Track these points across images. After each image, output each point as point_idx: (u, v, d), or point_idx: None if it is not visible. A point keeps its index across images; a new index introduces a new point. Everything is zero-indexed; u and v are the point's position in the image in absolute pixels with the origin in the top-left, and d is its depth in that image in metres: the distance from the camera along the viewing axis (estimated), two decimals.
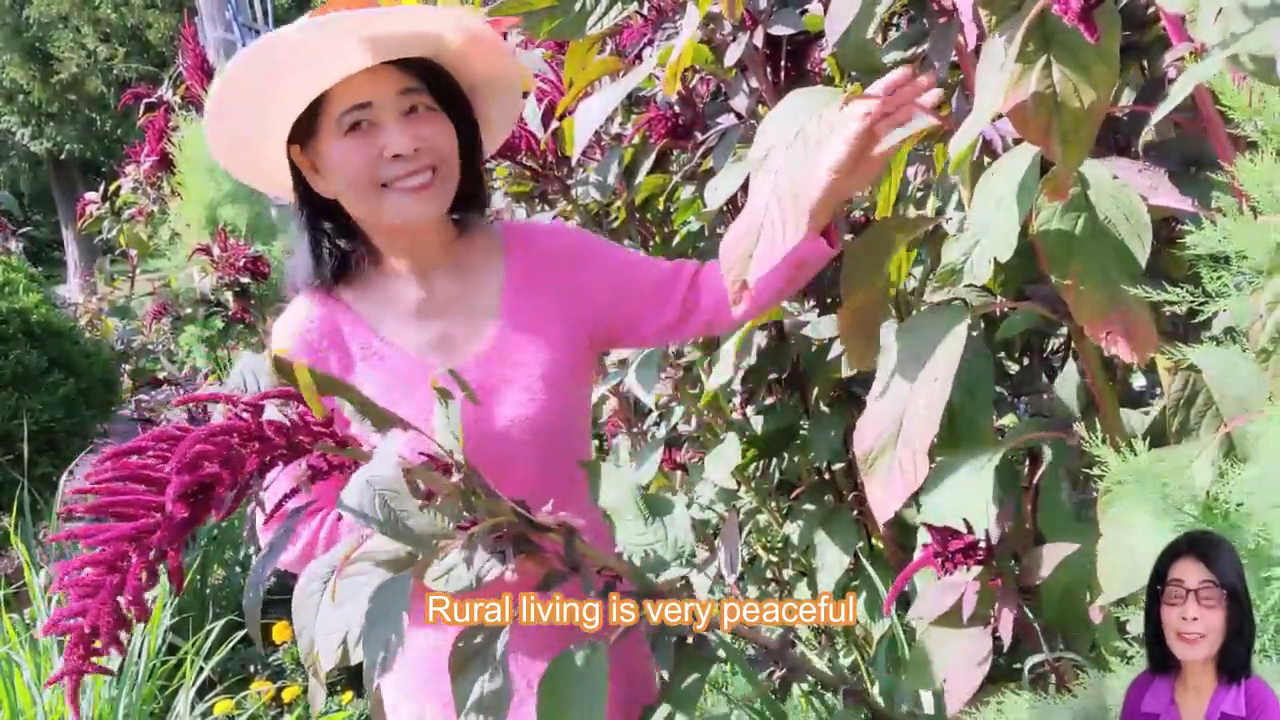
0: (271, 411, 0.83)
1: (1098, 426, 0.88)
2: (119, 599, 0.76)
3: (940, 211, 1.09)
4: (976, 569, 0.88)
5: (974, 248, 0.83)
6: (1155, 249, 0.95)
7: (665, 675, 1.06)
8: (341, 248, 1.11)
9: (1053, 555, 0.87)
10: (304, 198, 1.12)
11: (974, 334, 1.08)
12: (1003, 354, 1.40)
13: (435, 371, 1.01)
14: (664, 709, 1.06)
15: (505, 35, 1.16)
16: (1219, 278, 0.61)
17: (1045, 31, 0.70)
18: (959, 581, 0.89)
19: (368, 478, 0.78)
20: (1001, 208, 0.80)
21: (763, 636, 1.13)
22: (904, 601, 1.35)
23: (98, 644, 0.77)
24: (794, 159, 0.83)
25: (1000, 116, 0.74)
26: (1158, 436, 0.85)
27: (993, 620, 0.88)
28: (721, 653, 1.09)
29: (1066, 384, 0.98)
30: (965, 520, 0.89)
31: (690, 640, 1.05)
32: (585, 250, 1.21)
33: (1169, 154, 0.92)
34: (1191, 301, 0.63)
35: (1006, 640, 0.86)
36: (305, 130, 1.06)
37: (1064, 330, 1.27)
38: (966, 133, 0.75)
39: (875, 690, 1.43)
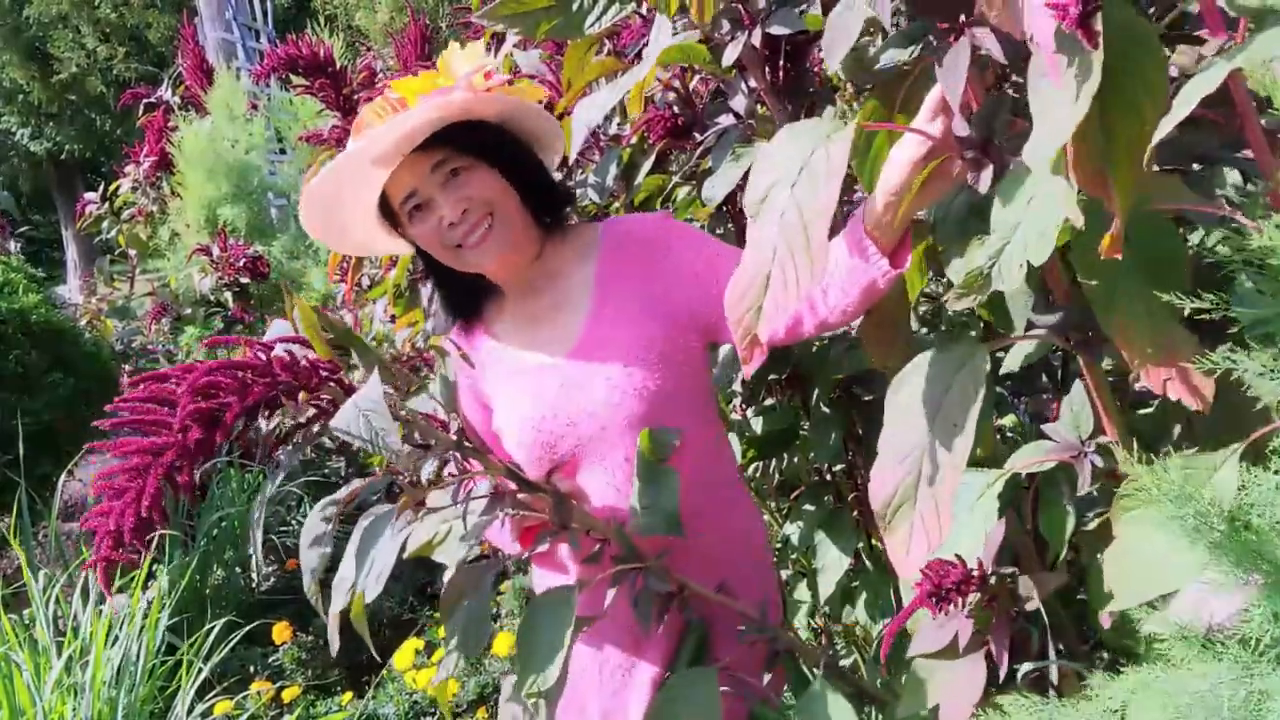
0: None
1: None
2: (141, 502, 0.88)
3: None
4: (973, 596, 0.87)
5: (1001, 251, 0.77)
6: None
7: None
8: (462, 292, 1.32)
9: (1054, 580, 0.87)
10: (423, 257, 1.29)
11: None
12: (1002, 353, 1.40)
13: (539, 369, 1.24)
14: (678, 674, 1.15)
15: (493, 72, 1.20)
16: (1256, 282, 0.59)
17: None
18: (954, 615, 0.88)
19: (354, 400, 0.88)
20: (1035, 206, 0.73)
21: (748, 611, 1.18)
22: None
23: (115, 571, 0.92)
24: (801, 197, 0.76)
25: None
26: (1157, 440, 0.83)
27: (987, 643, 0.87)
28: None
29: (1074, 405, 0.95)
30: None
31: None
32: (675, 236, 1.27)
33: (1176, 152, 0.90)
34: (1225, 309, 0.60)
35: (1003, 670, 0.84)
36: (393, 221, 1.25)
37: None
38: (1053, 139, 0.65)
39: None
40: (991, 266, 0.77)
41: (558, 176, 1.42)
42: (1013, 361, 1.02)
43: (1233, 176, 0.90)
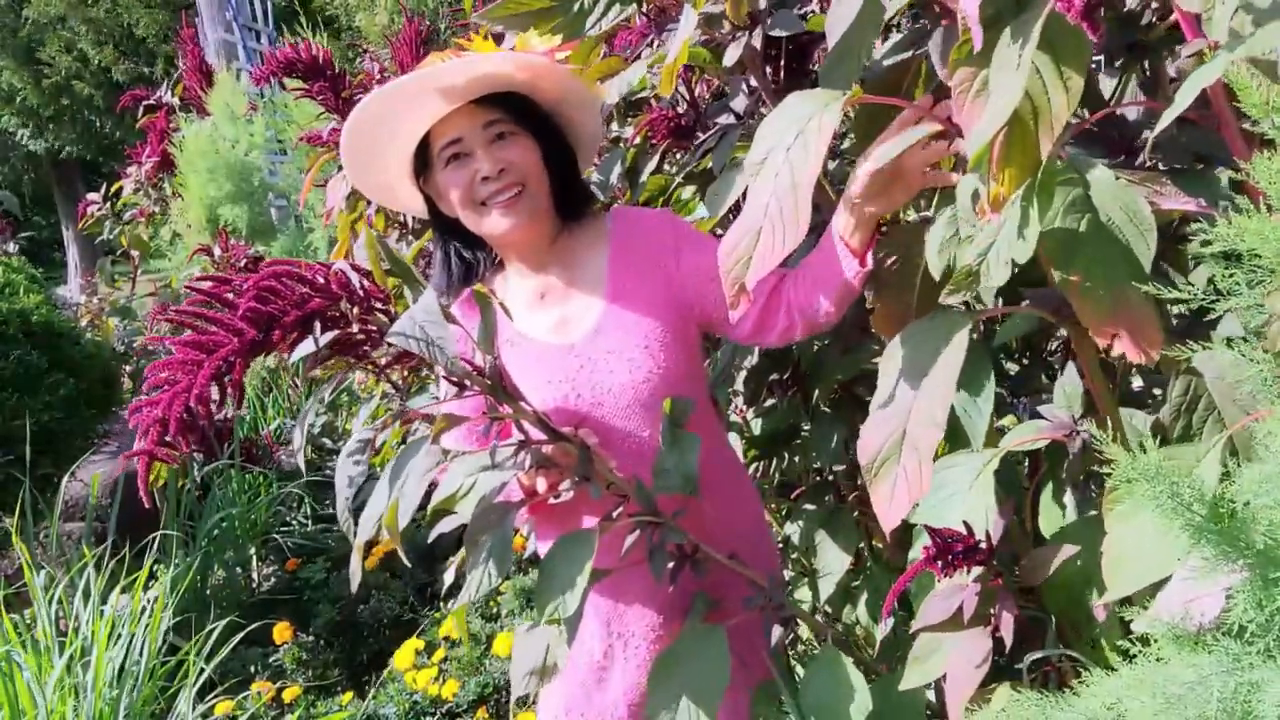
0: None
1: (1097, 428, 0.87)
2: (191, 393, 0.90)
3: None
4: (978, 569, 0.88)
5: (989, 249, 0.82)
6: (1162, 247, 0.94)
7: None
8: (465, 258, 1.36)
9: (1055, 556, 0.87)
10: (435, 219, 1.36)
11: (974, 336, 1.08)
12: (1002, 355, 1.40)
13: (556, 348, 1.28)
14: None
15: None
16: (1230, 275, 0.60)
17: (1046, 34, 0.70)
18: (959, 584, 0.89)
19: (411, 312, 0.94)
20: (1015, 208, 0.78)
21: (756, 574, 1.21)
22: (904, 599, 1.35)
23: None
24: (795, 160, 0.82)
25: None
26: (1160, 436, 0.84)
27: (992, 620, 0.87)
28: None
29: (1066, 386, 0.97)
30: (965, 521, 0.89)
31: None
32: (683, 235, 1.33)
33: (1176, 150, 0.91)
34: (1202, 300, 0.62)
35: (1008, 642, 0.85)
36: (422, 166, 1.31)
37: (1063, 332, 1.27)
38: (983, 131, 0.72)
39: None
40: (980, 264, 0.82)
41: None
42: (1005, 334, 1.09)
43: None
